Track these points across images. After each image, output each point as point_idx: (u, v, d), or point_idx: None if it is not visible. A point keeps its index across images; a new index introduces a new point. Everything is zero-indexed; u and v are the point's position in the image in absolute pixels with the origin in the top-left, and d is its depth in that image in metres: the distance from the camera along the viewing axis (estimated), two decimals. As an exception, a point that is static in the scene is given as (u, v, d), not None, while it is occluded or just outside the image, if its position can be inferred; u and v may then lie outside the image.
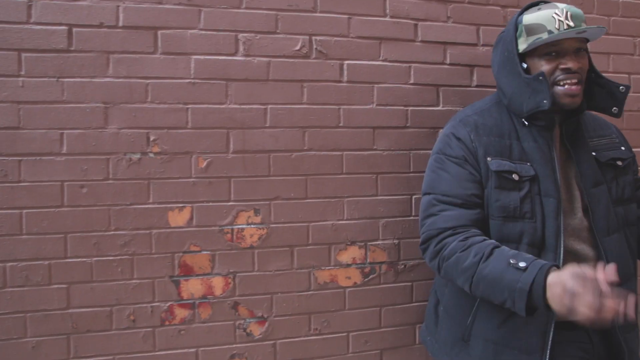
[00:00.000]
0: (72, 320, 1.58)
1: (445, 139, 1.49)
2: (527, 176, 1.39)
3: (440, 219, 1.39)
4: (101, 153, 1.60)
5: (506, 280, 1.21)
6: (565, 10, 1.37)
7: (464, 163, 1.42)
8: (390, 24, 1.83)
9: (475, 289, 1.30)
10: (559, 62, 1.38)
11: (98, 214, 1.60)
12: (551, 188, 1.38)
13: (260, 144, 1.71)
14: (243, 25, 1.69)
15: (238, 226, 1.70)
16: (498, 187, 1.38)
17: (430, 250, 1.40)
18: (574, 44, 1.37)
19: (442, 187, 1.42)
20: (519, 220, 1.38)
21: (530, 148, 1.42)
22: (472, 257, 1.28)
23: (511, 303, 1.21)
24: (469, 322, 1.46)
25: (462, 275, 1.31)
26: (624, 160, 1.51)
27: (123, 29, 1.61)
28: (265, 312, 1.73)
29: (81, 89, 1.58)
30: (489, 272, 1.24)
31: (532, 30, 1.40)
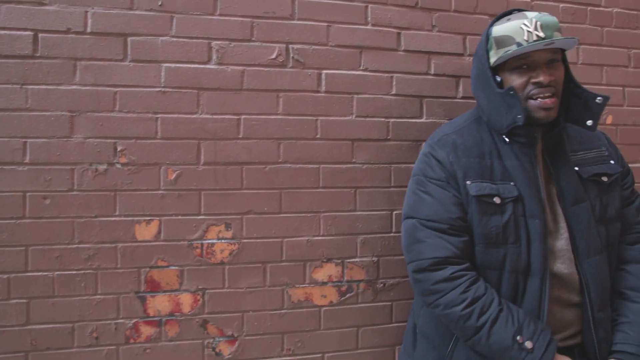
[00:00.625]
0: (32, 336, 1.52)
1: (425, 160, 1.42)
2: (510, 197, 1.32)
3: (428, 247, 1.32)
4: (66, 163, 1.54)
5: (508, 355, 1.23)
6: (535, 20, 1.29)
7: (446, 185, 1.35)
8: (372, 32, 1.76)
9: (471, 345, 1.29)
10: (530, 75, 1.31)
11: (61, 226, 1.54)
12: (536, 208, 1.31)
13: (233, 156, 1.64)
14: (217, 33, 1.64)
15: (208, 241, 1.63)
16: (479, 213, 1.31)
17: (424, 286, 1.33)
18: (545, 55, 1.30)
19: (425, 211, 1.35)
20: (502, 245, 1.31)
21: (512, 167, 1.35)
22: (476, 320, 1.25)
23: None
24: (449, 348, 1.38)
25: (461, 331, 1.29)
26: (611, 175, 1.41)
27: (91, 35, 1.56)
28: (235, 331, 1.65)
29: (46, 97, 1.53)
30: (492, 342, 1.24)
31: (501, 43, 1.33)
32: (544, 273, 1.29)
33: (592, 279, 1.32)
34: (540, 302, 1.29)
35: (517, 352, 1.21)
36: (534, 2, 1.91)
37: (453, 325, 1.30)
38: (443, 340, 1.41)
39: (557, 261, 1.33)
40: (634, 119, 2.01)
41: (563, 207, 1.35)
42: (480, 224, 1.31)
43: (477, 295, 1.26)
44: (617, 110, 1.98)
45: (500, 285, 1.32)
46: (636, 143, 2.01)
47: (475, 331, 1.25)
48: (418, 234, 1.35)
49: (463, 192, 1.33)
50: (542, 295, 1.29)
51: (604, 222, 1.38)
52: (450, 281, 1.28)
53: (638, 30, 2.04)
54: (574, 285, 1.33)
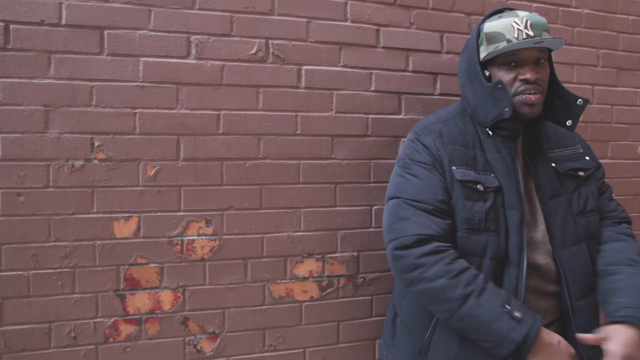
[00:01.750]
0: (5, 338, 1.48)
1: (412, 145, 1.43)
2: (491, 187, 1.35)
3: (413, 225, 1.30)
4: (41, 159, 1.50)
5: (498, 325, 1.20)
6: (526, 19, 1.34)
7: (432, 169, 1.36)
8: (351, 28, 1.77)
9: (455, 322, 1.26)
10: (518, 72, 1.35)
11: (37, 223, 1.50)
12: (514, 200, 1.34)
13: (213, 152, 1.63)
14: (196, 27, 1.62)
15: (188, 237, 1.62)
16: (463, 198, 1.33)
17: (405, 262, 1.29)
18: (533, 54, 1.34)
19: (411, 191, 1.35)
20: (484, 232, 1.33)
21: (493, 159, 1.38)
22: (463, 289, 1.22)
23: (493, 346, 1.21)
24: (427, 336, 1.40)
25: (446, 304, 1.25)
26: (587, 170, 1.48)
27: (66, 28, 1.52)
28: (217, 328, 1.64)
29: (19, 90, 1.48)
30: (481, 312, 1.21)
31: (492, 39, 1.37)
32: (520, 262, 1.32)
33: (569, 269, 1.36)
34: (517, 289, 1.31)
35: (507, 321, 1.19)
36: (508, 2, 1.95)
37: (437, 300, 1.27)
38: (420, 330, 1.42)
39: (534, 252, 1.36)
40: (602, 116, 2.09)
41: (540, 200, 1.40)
42: (464, 209, 1.33)
43: (462, 267, 1.25)
44: (587, 108, 2.01)
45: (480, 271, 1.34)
46: (604, 139, 2.08)
47: (462, 301, 1.22)
48: (402, 212, 1.33)
49: (448, 177, 1.35)
50: (519, 284, 1.32)
51: (584, 214, 1.43)
52: (435, 254, 1.26)
53: (606, 31, 2.11)
54: (550, 275, 1.37)
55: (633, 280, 1.35)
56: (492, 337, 1.21)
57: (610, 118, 2.11)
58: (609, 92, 2.11)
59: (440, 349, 1.37)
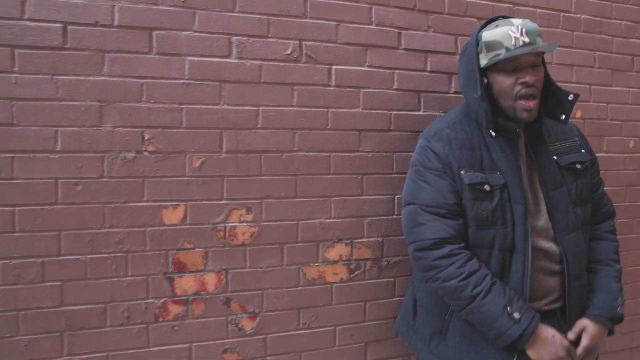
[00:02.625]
0: (66, 317, 1.58)
1: (423, 152, 1.58)
2: (498, 185, 1.50)
3: (429, 229, 1.48)
4: (96, 151, 1.61)
5: (498, 323, 1.41)
6: (521, 27, 1.46)
7: (443, 175, 1.52)
8: (376, 31, 1.92)
9: (464, 314, 1.47)
10: (518, 76, 1.48)
11: (92, 211, 1.61)
12: (519, 195, 1.50)
13: (252, 145, 1.76)
14: (236, 29, 1.74)
15: (230, 224, 1.74)
16: (472, 199, 1.49)
17: (424, 263, 1.49)
18: (529, 58, 1.48)
19: (425, 197, 1.52)
20: (491, 227, 1.49)
21: (498, 158, 1.53)
22: (471, 291, 1.42)
23: (494, 338, 1.43)
24: (446, 317, 1.58)
25: (457, 301, 1.46)
26: (583, 163, 1.63)
27: (118, 29, 1.63)
28: (256, 308, 1.78)
29: (76, 87, 1.59)
30: (485, 310, 1.41)
31: (491, 47, 1.49)
32: (525, 250, 1.49)
33: (569, 252, 1.53)
34: (524, 274, 1.48)
35: (506, 320, 1.40)
36: (515, 7, 2.12)
37: (449, 297, 1.47)
38: (440, 311, 1.59)
39: (540, 238, 1.53)
40: (598, 113, 2.28)
41: (544, 191, 1.55)
42: (472, 209, 1.49)
43: (472, 270, 1.44)
44: (585, 106, 2.24)
45: (490, 262, 1.50)
46: (600, 135, 2.27)
47: (470, 300, 1.42)
48: (419, 217, 1.51)
49: (458, 181, 1.51)
50: (525, 269, 1.49)
51: (580, 203, 1.60)
52: (448, 258, 1.45)
53: (601, 35, 2.30)
54: (555, 257, 1.53)
55: (607, 283, 1.59)
56: (493, 331, 1.42)
57: (606, 115, 2.30)
58: (604, 91, 2.30)
59: (458, 328, 1.55)
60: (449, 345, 1.57)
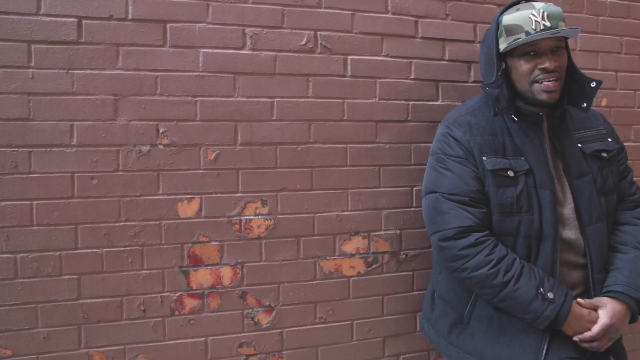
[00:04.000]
0: (83, 310, 1.59)
1: (443, 139, 1.54)
2: (522, 170, 1.45)
3: (452, 218, 1.44)
4: (111, 145, 1.61)
5: (534, 306, 1.36)
6: (542, 11, 1.42)
7: (465, 161, 1.48)
8: (392, 20, 1.88)
9: (497, 302, 1.42)
10: (537, 61, 1.43)
11: (108, 205, 1.61)
12: (545, 180, 1.45)
13: (267, 137, 1.74)
14: (250, 20, 1.72)
15: (246, 217, 1.73)
16: (495, 185, 1.44)
17: (450, 253, 1.44)
18: (550, 43, 1.43)
19: (447, 185, 1.47)
20: (516, 214, 1.45)
21: (522, 143, 1.48)
22: (502, 277, 1.38)
23: (531, 322, 1.38)
24: (468, 306, 1.53)
25: (488, 289, 1.40)
26: (609, 151, 1.57)
27: (132, 22, 1.62)
28: (272, 302, 1.76)
29: (91, 81, 1.59)
30: (518, 295, 1.37)
31: (511, 31, 1.45)
32: (555, 238, 1.44)
33: (593, 244, 1.47)
34: (553, 264, 1.44)
35: (541, 302, 1.35)
36: (537, -7, 2.05)
37: (479, 286, 1.42)
38: (461, 302, 1.55)
39: (565, 228, 1.48)
40: (625, 101, 2.19)
41: (568, 179, 1.50)
42: (496, 196, 1.45)
43: (500, 256, 1.40)
44: (611, 94, 2.16)
45: (515, 249, 1.46)
46: (628, 123, 2.19)
47: (502, 287, 1.38)
48: (441, 206, 1.47)
49: (480, 168, 1.46)
50: (555, 257, 1.44)
51: (604, 193, 1.54)
52: (475, 246, 1.41)
53: (629, 19, 2.21)
54: (579, 249, 1.48)
55: (636, 262, 1.49)
56: (530, 315, 1.37)
57: (633, 103, 2.21)
58: (632, 78, 2.21)
59: (485, 313, 1.50)
60: (474, 333, 1.52)
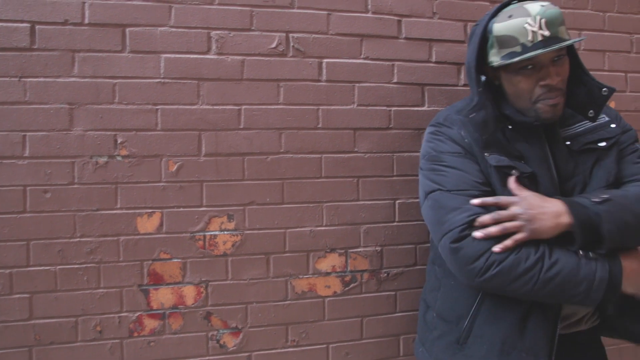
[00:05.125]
0: (35, 331, 1.51)
1: (434, 137, 1.38)
2: (526, 173, 1.28)
3: (465, 212, 1.24)
4: (66, 156, 1.53)
5: (583, 272, 1.17)
6: (539, 17, 1.23)
7: (464, 155, 1.31)
8: (373, 20, 1.74)
9: (540, 290, 1.19)
10: (538, 76, 1.26)
11: (63, 220, 1.53)
12: (549, 187, 1.29)
13: (234, 147, 1.63)
14: (216, 23, 1.62)
15: (210, 233, 1.62)
16: (501, 184, 1.27)
17: (468, 252, 1.22)
18: (551, 54, 1.25)
19: (451, 181, 1.29)
20: None
21: (522, 147, 1.32)
22: (534, 255, 1.19)
23: (585, 294, 1.18)
24: (466, 323, 1.35)
25: (524, 277, 1.19)
26: (610, 139, 1.36)
27: (89, 27, 1.54)
28: (239, 323, 1.65)
29: (45, 89, 1.51)
30: (560, 268, 1.17)
31: (504, 43, 1.27)
32: None
33: None
34: None
35: (587, 265, 1.18)
36: (535, -12, 1.89)
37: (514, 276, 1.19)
38: (459, 319, 1.37)
39: None
40: (636, 104, 2.00)
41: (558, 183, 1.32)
42: (503, 194, 1.27)
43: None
44: (620, 97, 1.97)
45: None
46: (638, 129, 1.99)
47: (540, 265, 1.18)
48: (450, 202, 1.27)
49: (482, 163, 1.30)
50: None
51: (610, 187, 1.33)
52: None
53: (640, 15, 2.03)
54: None
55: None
56: (582, 286, 1.17)
57: (645, 106, 2.02)
58: (644, 79, 2.02)
59: (485, 335, 1.31)
60: (471, 355, 1.33)
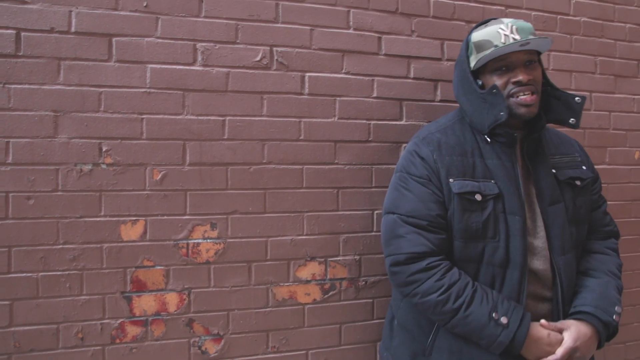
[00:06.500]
0: (15, 338, 1.51)
1: (409, 157, 1.47)
2: (491, 195, 1.37)
3: (407, 243, 1.36)
4: (50, 163, 1.53)
5: (487, 332, 1.30)
6: (511, 25, 1.38)
7: (427, 183, 1.40)
8: (354, 36, 1.81)
9: (450, 329, 1.36)
10: (510, 75, 1.39)
11: (45, 226, 1.53)
12: (516, 205, 1.37)
13: (218, 157, 1.67)
14: (202, 35, 1.65)
15: (194, 240, 1.65)
16: (461, 209, 1.37)
17: (399, 279, 1.38)
18: (522, 57, 1.38)
19: (406, 207, 1.40)
20: (481, 240, 1.37)
21: (493, 165, 1.41)
22: (452, 303, 1.31)
23: (486, 347, 1.32)
24: (430, 336, 1.44)
25: (440, 316, 1.34)
26: (583, 180, 1.51)
27: (75, 35, 1.55)
28: (221, 330, 1.67)
29: (29, 96, 1.52)
30: (470, 321, 1.31)
31: (480, 47, 1.41)
32: (523, 267, 1.35)
33: (564, 275, 1.39)
34: (520, 294, 1.36)
35: (494, 328, 1.28)
36: (508, 10, 1.99)
37: (430, 312, 1.35)
38: (423, 332, 1.45)
39: (534, 258, 1.39)
40: (600, 123, 2.12)
41: (541, 206, 1.42)
42: (461, 220, 1.36)
43: (452, 281, 1.32)
44: (585, 115, 2.07)
45: (478, 277, 1.38)
46: (602, 145, 2.11)
47: (453, 313, 1.31)
48: (398, 229, 1.39)
49: (445, 190, 1.38)
50: (522, 287, 1.36)
51: (575, 223, 1.47)
52: (426, 271, 1.34)
53: (603, 39, 2.15)
54: (547, 282, 1.40)
55: (605, 287, 1.43)
56: (484, 341, 1.31)
57: (608, 124, 2.14)
58: (606, 98, 2.14)
59: (445, 347, 1.41)
60: None
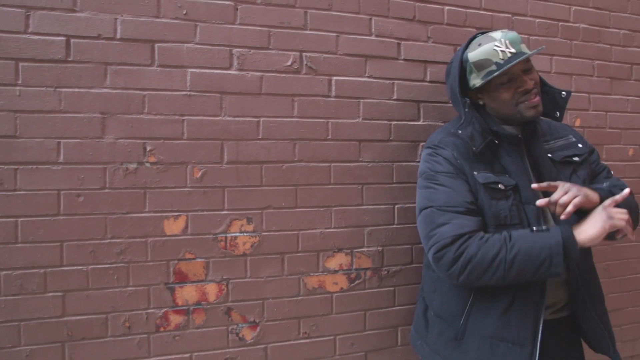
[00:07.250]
0: (68, 327, 1.60)
1: (431, 158, 1.57)
2: (510, 185, 1.50)
3: (451, 227, 1.42)
4: (98, 162, 1.62)
5: (538, 244, 1.35)
6: (504, 40, 1.50)
7: (456, 176, 1.50)
8: (376, 42, 1.93)
9: (509, 272, 1.37)
10: (515, 85, 1.51)
11: (94, 222, 1.62)
12: (530, 195, 1.49)
13: (253, 155, 1.78)
14: (237, 41, 1.76)
15: (231, 234, 1.75)
16: (488, 198, 1.48)
17: (448, 258, 1.41)
18: (521, 66, 1.51)
19: (442, 199, 1.48)
20: (510, 227, 1.47)
21: (506, 162, 1.54)
22: (498, 243, 1.38)
23: (548, 264, 1.34)
24: (462, 322, 1.54)
25: (493, 263, 1.37)
26: (581, 155, 1.63)
27: (120, 41, 1.64)
28: (257, 317, 1.79)
29: (79, 99, 1.61)
30: (520, 245, 1.36)
31: (481, 66, 1.52)
32: None
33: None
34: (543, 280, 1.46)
35: (540, 237, 1.36)
36: (514, 17, 2.14)
37: (486, 266, 1.37)
38: (455, 318, 1.56)
39: None
40: (597, 122, 2.29)
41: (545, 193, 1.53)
42: (490, 208, 1.47)
43: (491, 235, 1.41)
44: (584, 114, 2.25)
45: None
46: (600, 143, 2.27)
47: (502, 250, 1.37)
48: (438, 218, 1.46)
49: (472, 182, 1.50)
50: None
51: None
52: (469, 239, 1.40)
53: (600, 44, 2.31)
54: None
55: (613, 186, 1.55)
56: (542, 255, 1.35)
57: (605, 123, 2.31)
58: (603, 99, 2.31)
59: (477, 331, 1.50)
60: (468, 351, 1.52)
